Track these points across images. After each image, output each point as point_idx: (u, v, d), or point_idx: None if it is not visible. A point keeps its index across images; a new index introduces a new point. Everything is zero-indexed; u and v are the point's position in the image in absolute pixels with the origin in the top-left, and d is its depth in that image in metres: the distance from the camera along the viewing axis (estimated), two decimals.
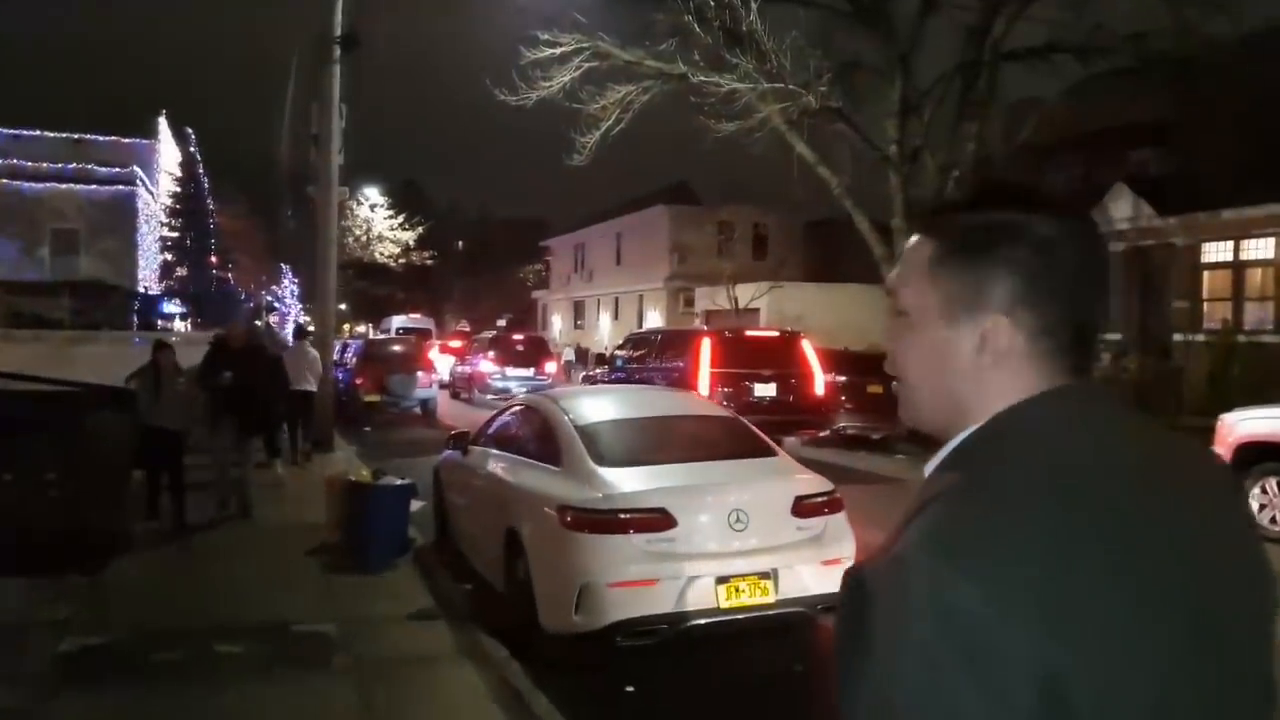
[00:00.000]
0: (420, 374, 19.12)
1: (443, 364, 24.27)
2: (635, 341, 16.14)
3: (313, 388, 12.80)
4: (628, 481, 4.85)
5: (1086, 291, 0.95)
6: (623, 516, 4.63)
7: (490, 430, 6.92)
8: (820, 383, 13.09)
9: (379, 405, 18.81)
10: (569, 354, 33.45)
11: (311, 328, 24.56)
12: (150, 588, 6.46)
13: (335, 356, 15.96)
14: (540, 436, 5.75)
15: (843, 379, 15.26)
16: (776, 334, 14.54)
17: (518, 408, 6.87)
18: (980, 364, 0.95)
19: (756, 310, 29.13)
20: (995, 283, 0.93)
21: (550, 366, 24.49)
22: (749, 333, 14.47)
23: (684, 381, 12.41)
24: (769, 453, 5.38)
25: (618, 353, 16.41)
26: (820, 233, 33.63)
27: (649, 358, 14.27)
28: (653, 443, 5.45)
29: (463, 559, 7.08)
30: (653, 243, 38.22)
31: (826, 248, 32.73)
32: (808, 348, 13.32)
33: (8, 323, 23.99)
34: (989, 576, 0.80)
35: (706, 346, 12.52)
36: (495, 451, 6.43)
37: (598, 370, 18.08)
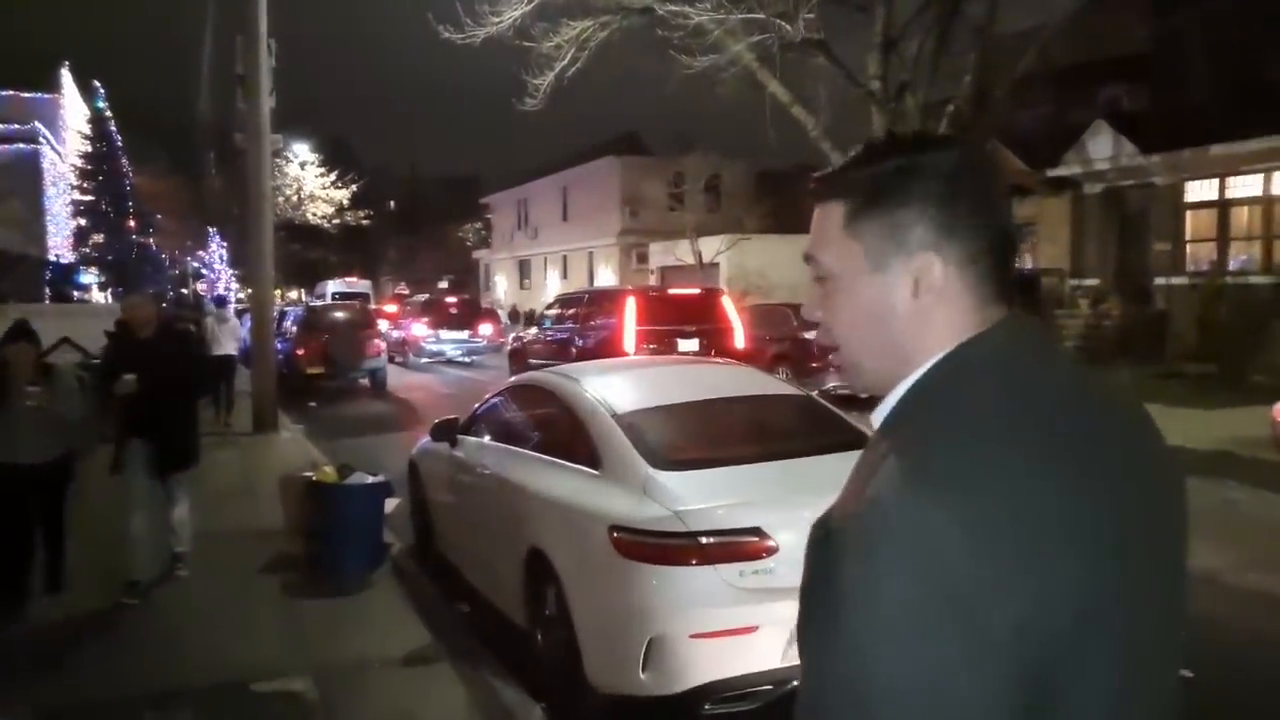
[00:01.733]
0: (368, 342, 17.61)
1: None
2: (564, 301, 16.54)
3: (233, 351, 13.44)
4: (701, 490, 3.65)
5: (996, 212, 0.98)
6: (704, 541, 3.44)
7: (486, 417, 5.64)
8: (740, 337, 13.85)
9: (323, 377, 17.34)
10: (501, 316, 32.08)
11: (239, 297, 23.11)
12: (55, 647, 4.96)
13: (274, 326, 14.39)
14: (562, 427, 4.51)
15: None
16: (698, 291, 15.30)
17: (519, 388, 5.59)
18: (919, 306, 0.96)
19: (716, 265, 28.01)
20: (915, 223, 0.95)
21: (486, 328, 24.09)
22: (672, 291, 15.28)
23: (611, 339, 13.14)
24: None
25: (546, 313, 16.71)
26: (774, 183, 32.45)
27: (578, 317, 14.80)
28: (719, 435, 4.24)
29: (453, 571, 5.86)
30: (603, 196, 36.73)
31: (781, 198, 31.60)
32: (728, 304, 14.18)
33: None
34: (971, 517, 0.81)
35: (632, 305, 13.17)
36: (498, 445, 5.16)
37: (529, 331, 17.53)
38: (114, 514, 5.90)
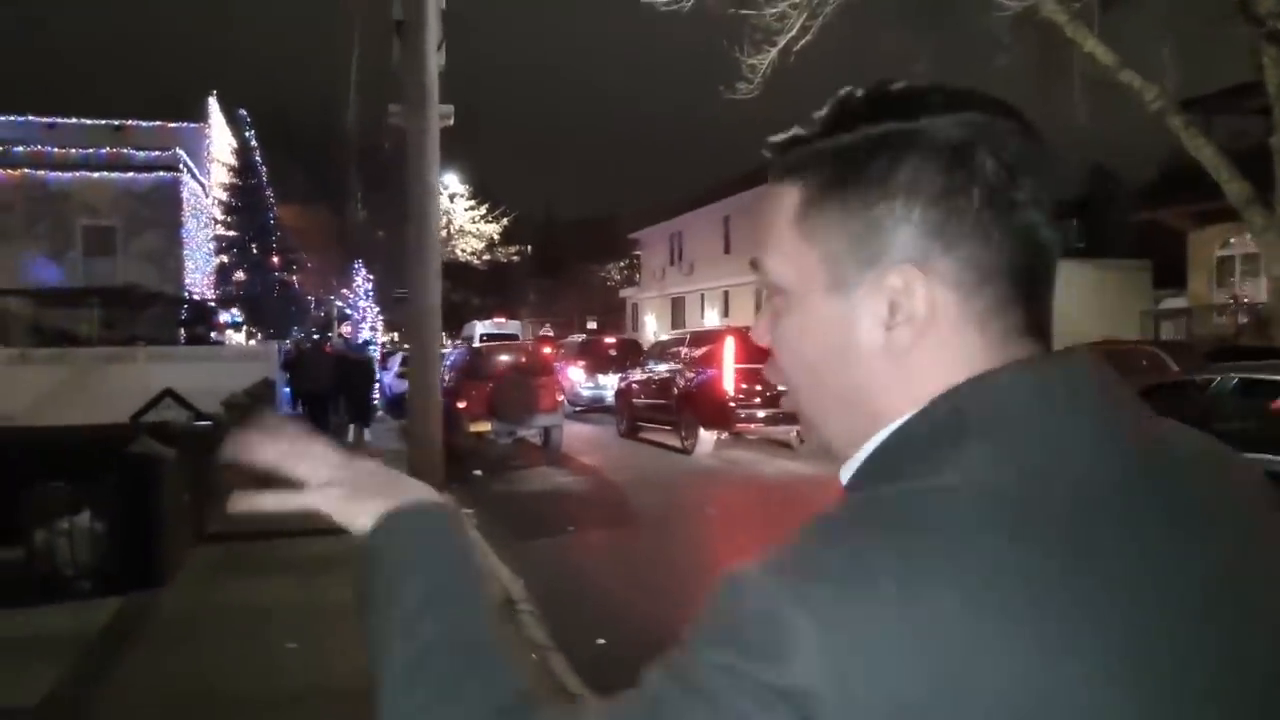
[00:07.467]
0: (543, 392, 13.93)
1: None
2: (667, 343, 17.68)
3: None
4: None
5: (1029, 213, 0.64)
6: None
7: None
8: None
9: (488, 436, 13.80)
10: None
11: (387, 339, 23.79)
12: None
13: (442, 372, 10.89)
14: None
15: None
16: None
17: None
18: (894, 343, 0.65)
19: None
20: (896, 223, 0.64)
21: None
22: None
23: (712, 378, 13.69)
24: None
25: (650, 353, 17.65)
26: None
27: (681, 358, 15.30)
28: None
29: None
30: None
31: None
32: None
33: (29, 340, 19.72)
34: (852, 622, 0.53)
35: (731, 345, 13.52)
36: None
37: (634, 372, 17.23)
38: None
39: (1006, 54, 13.19)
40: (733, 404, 13.46)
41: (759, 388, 13.38)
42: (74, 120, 27.22)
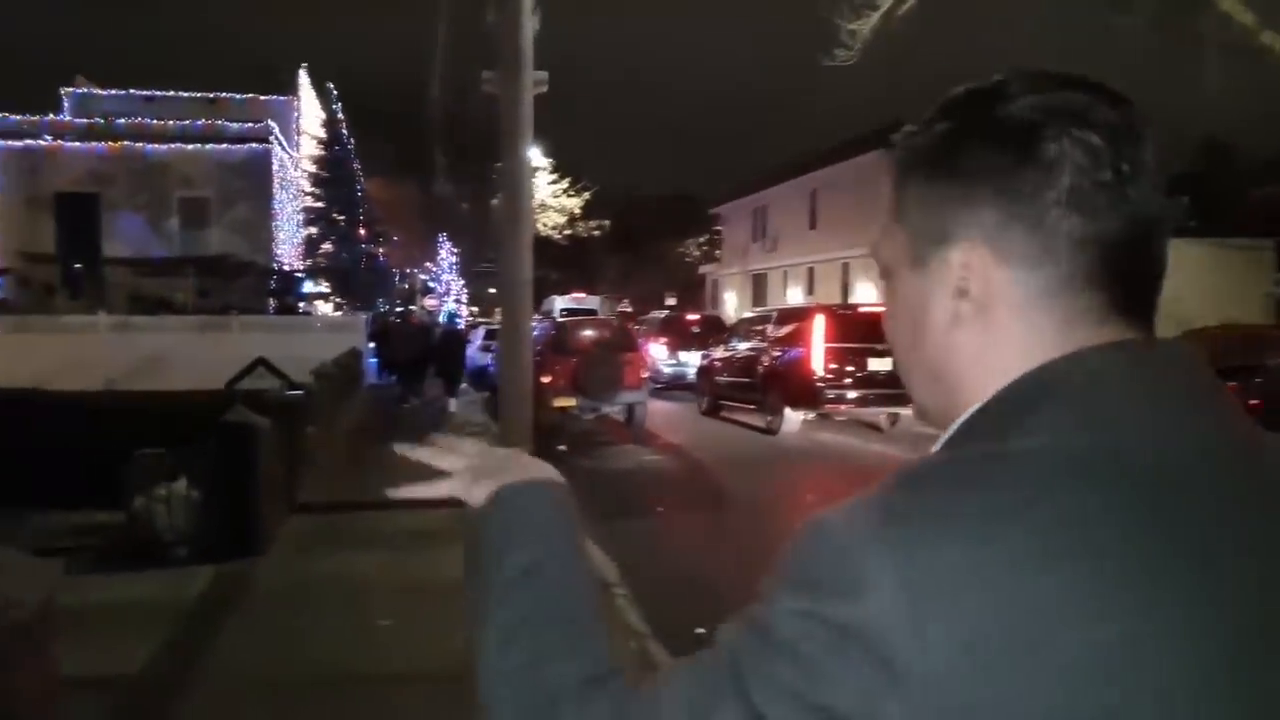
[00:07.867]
0: (628, 369, 13.70)
1: None
2: (752, 320, 17.12)
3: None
4: None
5: (1108, 190, 0.63)
6: None
7: None
8: None
9: (572, 411, 13.65)
10: None
11: (470, 311, 23.36)
12: None
13: (533, 347, 10.78)
14: None
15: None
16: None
17: None
18: (960, 316, 0.67)
19: None
20: (961, 202, 0.67)
21: None
22: (863, 309, 14.79)
23: (801, 357, 13.19)
24: None
25: (734, 331, 17.15)
26: None
27: (766, 336, 14.76)
28: None
29: None
30: (864, 198, 31.75)
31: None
32: None
33: (129, 307, 20.35)
34: (928, 564, 0.54)
35: (820, 322, 13.15)
36: None
37: (716, 349, 16.83)
38: None
39: (1127, 18, 12.34)
40: (821, 384, 13.05)
41: (850, 368, 12.96)
42: (171, 93, 27.93)
